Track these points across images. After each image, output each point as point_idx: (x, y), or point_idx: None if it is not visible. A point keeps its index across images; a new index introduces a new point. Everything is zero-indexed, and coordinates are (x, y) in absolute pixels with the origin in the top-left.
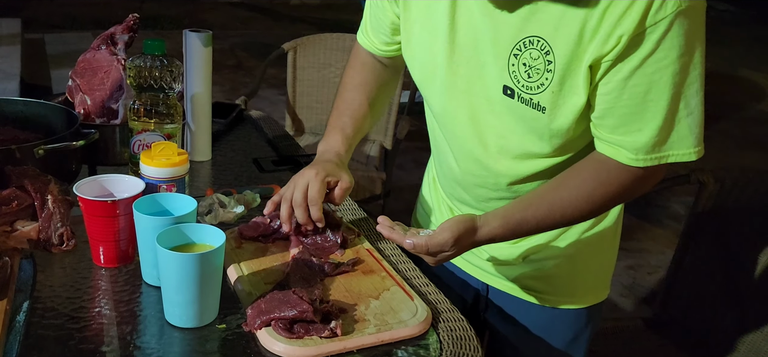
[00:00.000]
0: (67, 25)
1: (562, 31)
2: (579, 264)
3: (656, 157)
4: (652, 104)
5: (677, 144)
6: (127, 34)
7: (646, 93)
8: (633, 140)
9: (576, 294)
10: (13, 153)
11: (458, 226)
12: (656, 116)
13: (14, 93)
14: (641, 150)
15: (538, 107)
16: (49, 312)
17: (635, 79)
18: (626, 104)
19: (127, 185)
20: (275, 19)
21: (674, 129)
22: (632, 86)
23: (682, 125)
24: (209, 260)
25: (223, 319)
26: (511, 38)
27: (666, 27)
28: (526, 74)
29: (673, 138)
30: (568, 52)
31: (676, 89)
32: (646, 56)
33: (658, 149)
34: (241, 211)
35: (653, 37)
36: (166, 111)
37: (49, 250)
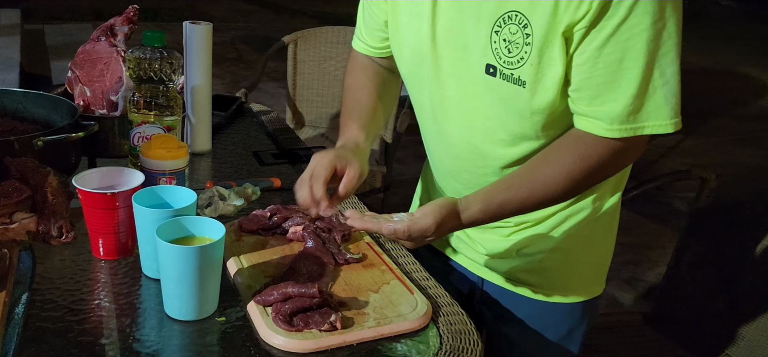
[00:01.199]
0: (67, 16)
1: (538, 3)
2: (573, 257)
3: (632, 127)
4: (626, 72)
5: (653, 114)
6: (127, 26)
7: (621, 61)
8: (608, 110)
9: (570, 288)
10: (12, 144)
11: (440, 210)
12: (631, 84)
13: (14, 84)
14: (616, 120)
15: (519, 82)
16: (49, 304)
17: (609, 48)
18: (601, 74)
19: (127, 177)
20: (276, 12)
21: (650, 98)
22: (606, 55)
23: (658, 95)
24: (209, 253)
25: (222, 312)
26: (492, 14)
27: None
28: (506, 50)
29: (649, 107)
30: (544, 23)
31: (650, 57)
32: (619, 23)
33: (634, 119)
34: (240, 204)
35: (626, 3)
36: (165, 103)
37: (48, 243)
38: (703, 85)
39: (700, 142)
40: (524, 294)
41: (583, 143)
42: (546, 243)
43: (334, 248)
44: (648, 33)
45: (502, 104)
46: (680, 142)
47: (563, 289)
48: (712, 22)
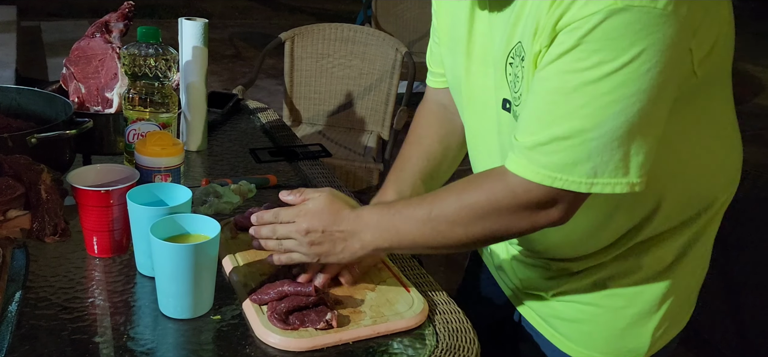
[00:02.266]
0: (64, 12)
1: (528, 29)
2: (609, 317)
3: (542, 172)
4: (555, 109)
5: (569, 167)
6: (122, 22)
7: (553, 93)
8: (523, 140)
9: (599, 349)
10: (6, 141)
11: (320, 202)
12: (555, 124)
13: (9, 81)
14: (526, 154)
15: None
16: (42, 302)
17: (547, 73)
18: (534, 101)
19: (122, 175)
20: (274, 9)
21: (572, 147)
22: (543, 80)
23: (584, 148)
24: (204, 251)
25: (217, 310)
26: (505, 46)
27: (592, 25)
28: (514, 85)
29: (568, 158)
30: (529, 50)
31: (587, 102)
32: (565, 52)
33: (546, 161)
34: (236, 202)
35: (578, 33)
36: (161, 100)
37: (42, 240)
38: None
39: None
40: (555, 343)
41: (484, 177)
42: (582, 294)
43: None
44: (594, 74)
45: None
46: None
47: (595, 349)
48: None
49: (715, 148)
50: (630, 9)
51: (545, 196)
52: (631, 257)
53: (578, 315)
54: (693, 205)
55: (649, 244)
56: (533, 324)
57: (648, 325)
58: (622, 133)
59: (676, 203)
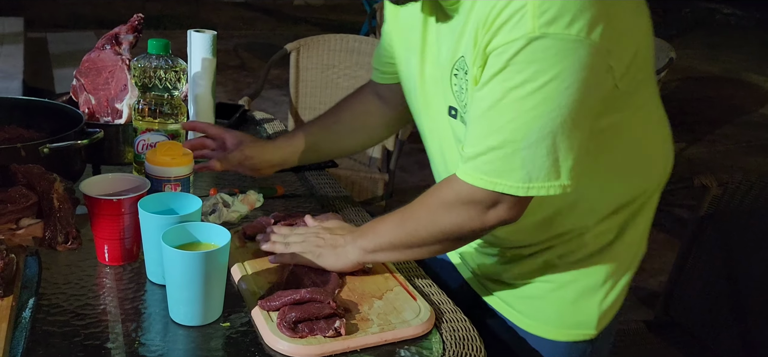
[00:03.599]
0: (70, 24)
1: (468, 44)
2: (559, 292)
3: (484, 178)
4: (490, 122)
5: (506, 173)
6: (131, 34)
7: (488, 109)
8: (467, 151)
9: (553, 323)
10: (19, 151)
11: (334, 222)
12: (492, 135)
13: (17, 92)
14: (471, 164)
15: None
16: (55, 309)
17: (483, 93)
18: (474, 118)
19: (132, 184)
20: (279, 20)
21: (506, 157)
22: (479, 99)
23: (516, 156)
24: (214, 259)
25: (227, 317)
26: (450, 59)
27: (516, 49)
28: (460, 94)
29: (503, 165)
30: (472, 67)
31: (516, 116)
32: (495, 73)
33: (487, 169)
34: (244, 211)
35: (504, 57)
36: (170, 111)
37: (54, 248)
38: (708, 93)
39: (707, 150)
40: (516, 321)
41: (444, 183)
42: (535, 274)
43: None
44: (518, 91)
45: (459, 145)
46: (685, 150)
47: (550, 323)
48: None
49: (645, 143)
50: (546, 36)
51: (489, 198)
52: (575, 239)
53: (532, 292)
54: (629, 192)
55: (591, 227)
56: (492, 305)
57: (594, 298)
58: (548, 143)
59: (614, 193)
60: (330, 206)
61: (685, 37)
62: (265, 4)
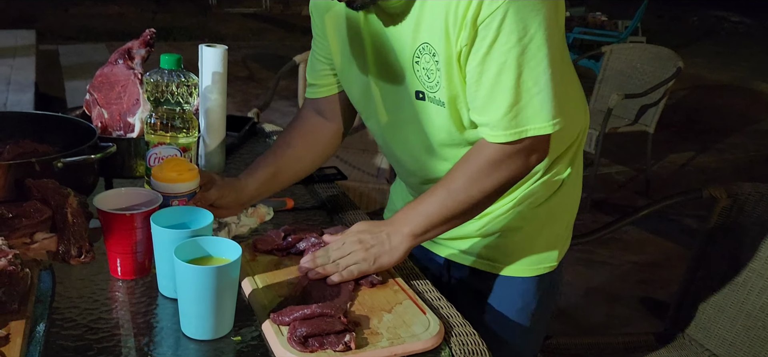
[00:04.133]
0: (81, 36)
1: (435, 31)
2: (527, 235)
3: (515, 131)
4: (503, 84)
5: (533, 118)
6: (144, 49)
7: (498, 74)
8: (491, 118)
9: (524, 263)
10: (33, 166)
11: (359, 227)
12: (508, 94)
13: (29, 104)
14: (499, 126)
15: (440, 103)
16: (68, 323)
17: (487, 64)
18: (484, 87)
19: (145, 198)
20: (287, 31)
21: (527, 105)
22: (486, 71)
23: (535, 101)
24: (226, 273)
25: (238, 331)
26: (410, 48)
27: (502, 15)
28: (426, 76)
29: (528, 113)
30: (443, 49)
31: (521, 69)
32: (491, 43)
33: (515, 123)
34: (254, 224)
35: (493, 26)
36: (182, 124)
37: (67, 262)
38: (717, 102)
39: (716, 159)
40: (483, 268)
41: (478, 149)
42: (502, 220)
43: None
44: (517, 48)
45: (430, 123)
46: (693, 159)
47: (518, 264)
48: (724, 39)
49: (572, 89)
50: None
51: (526, 146)
52: (537, 181)
53: (500, 241)
54: (571, 133)
55: (549, 166)
56: (461, 262)
57: (553, 234)
58: (550, 84)
59: (563, 132)
60: (339, 218)
61: (693, 46)
62: (274, 15)
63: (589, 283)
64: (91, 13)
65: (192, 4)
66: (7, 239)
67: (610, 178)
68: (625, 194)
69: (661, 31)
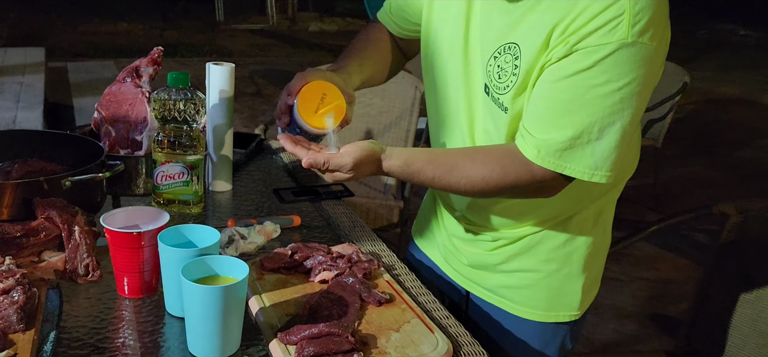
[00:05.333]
0: (89, 53)
1: (532, 37)
2: (549, 278)
3: (556, 162)
4: (571, 114)
5: (577, 160)
6: (151, 67)
7: (569, 102)
8: (543, 139)
9: (544, 307)
10: (41, 185)
11: (360, 152)
12: (570, 127)
13: (38, 120)
14: (545, 150)
15: (502, 107)
16: (75, 342)
17: (563, 85)
18: (549, 106)
19: (152, 216)
20: (294, 46)
21: (581, 146)
22: (559, 91)
23: (589, 146)
24: (233, 292)
25: (245, 350)
26: (494, 42)
27: (608, 52)
28: (497, 75)
29: (577, 153)
30: (532, 58)
31: (595, 111)
32: (582, 70)
33: (560, 156)
34: (261, 242)
35: (594, 57)
36: (189, 142)
37: (74, 281)
38: (725, 115)
39: (726, 173)
40: (503, 308)
41: (510, 157)
42: (524, 261)
43: (362, 289)
44: (602, 89)
45: (488, 120)
46: (702, 173)
47: (533, 308)
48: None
49: (632, 153)
50: (636, 44)
51: (555, 179)
52: (560, 224)
53: (521, 282)
54: (607, 187)
55: (576, 213)
56: (482, 297)
57: (578, 283)
58: (617, 138)
59: (601, 188)
60: (346, 236)
61: (701, 60)
62: (280, 31)
63: (600, 299)
64: (99, 30)
65: (199, 20)
66: (14, 258)
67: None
68: (635, 209)
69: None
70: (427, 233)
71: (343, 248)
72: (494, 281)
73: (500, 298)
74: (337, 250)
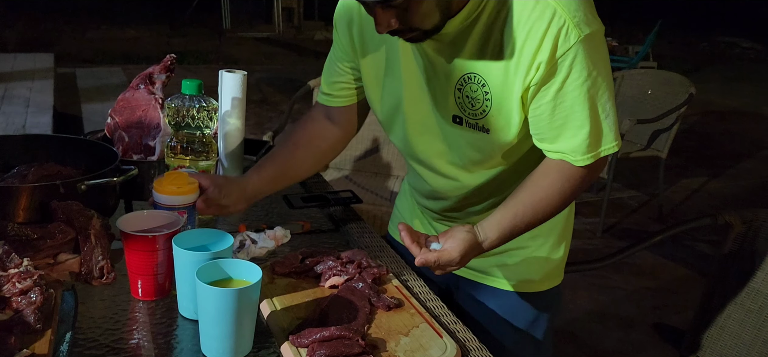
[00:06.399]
0: (98, 59)
1: (491, 67)
2: (534, 254)
3: (593, 154)
4: (577, 115)
5: (604, 141)
6: (164, 74)
7: (571, 108)
8: (570, 146)
9: (533, 280)
10: (58, 188)
11: (463, 245)
12: (584, 124)
13: (47, 125)
14: (579, 151)
15: (483, 129)
16: (91, 343)
17: (559, 99)
18: (557, 119)
19: (166, 220)
20: (299, 55)
21: (601, 130)
22: (559, 105)
23: (604, 126)
24: (247, 295)
25: (257, 353)
26: (454, 76)
27: (574, 54)
28: (470, 104)
29: (601, 137)
30: (498, 83)
31: (592, 100)
32: (564, 79)
33: (593, 148)
34: (271, 247)
35: (565, 64)
36: (201, 148)
37: (89, 283)
38: (729, 127)
39: (729, 184)
40: (496, 285)
41: (567, 169)
42: (512, 242)
43: (372, 293)
44: (587, 83)
45: (468, 145)
46: (706, 184)
47: (527, 281)
48: (736, 65)
49: None
50: (588, 35)
51: (598, 164)
52: None
53: (512, 259)
54: None
55: None
56: (474, 280)
57: (558, 252)
58: (613, 108)
59: None
60: (355, 242)
61: (704, 72)
62: (286, 39)
63: (603, 309)
64: (107, 37)
65: (206, 28)
66: (31, 260)
67: (623, 202)
68: (638, 219)
69: (672, 56)
70: None
71: (353, 254)
72: (485, 263)
73: (493, 278)
74: (346, 255)
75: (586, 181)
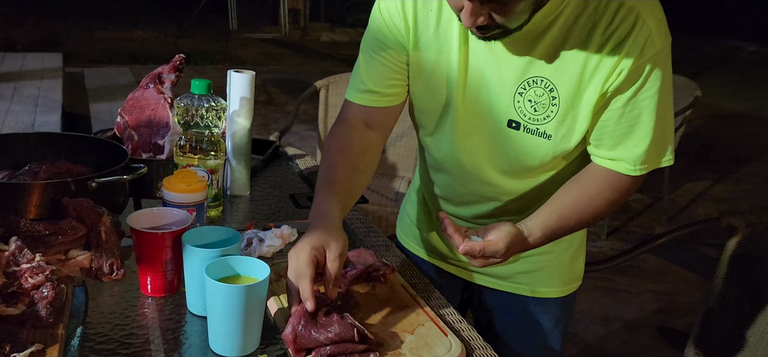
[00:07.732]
0: (106, 59)
1: (563, 71)
2: (553, 259)
3: (648, 165)
4: (643, 125)
5: (662, 154)
6: (173, 74)
7: (639, 116)
8: (630, 154)
9: (553, 285)
10: (69, 185)
11: (509, 237)
12: (648, 135)
13: (56, 124)
14: (637, 161)
15: (544, 135)
16: (101, 337)
17: (630, 106)
18: (622, 127)
19: (175, 217)
20: (305, 56)
21: (660, 142)
22: (628, 112)
23: (664, 139)
24: (255, 292)
25: (264, 348)
26: (516, 79)
27: (654, 63)
28: (532, 109)
29: (660, 149)
30: (570, 89)
31: (658, 111)
32: (639, 88)
33: (651, 158)
34: (278, 245)
35: (644, 73)
36: (210, 147)
37: (99, 279)
38: (734, 131)
39: (734, 188)
40: (518, 292)
41: (616, 178)
42: (538, 248)
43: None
44: (658, 94)
45: (522, 151)
46: (710, 187)
47: (549, 287)
48: (741, 68)
49: None
50: (664, 46)
51: (644, 176)
52: None
53: (536, 265)
54: None
55: None
56: (494, 287)
57: (579, 257)
58: (671, 124)
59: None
60: (360, 241)
61: (709, 75)
62: (292, 41)
63: (607, 312)
64: (115, 37)
65: (212, 29)
66: (43, 256)
67: (628, 205)
68: (643, 222)
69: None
70: (423, 242)
71: (359, 252)
72: (507, 271)
73: (516, 285)
74: (352, 254)
75: (632, 190)
